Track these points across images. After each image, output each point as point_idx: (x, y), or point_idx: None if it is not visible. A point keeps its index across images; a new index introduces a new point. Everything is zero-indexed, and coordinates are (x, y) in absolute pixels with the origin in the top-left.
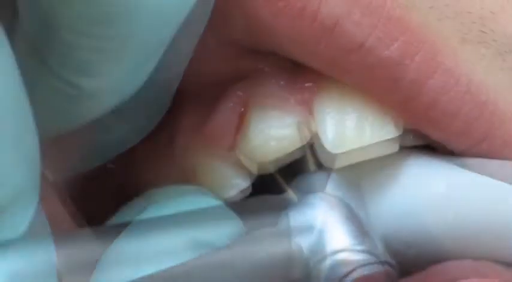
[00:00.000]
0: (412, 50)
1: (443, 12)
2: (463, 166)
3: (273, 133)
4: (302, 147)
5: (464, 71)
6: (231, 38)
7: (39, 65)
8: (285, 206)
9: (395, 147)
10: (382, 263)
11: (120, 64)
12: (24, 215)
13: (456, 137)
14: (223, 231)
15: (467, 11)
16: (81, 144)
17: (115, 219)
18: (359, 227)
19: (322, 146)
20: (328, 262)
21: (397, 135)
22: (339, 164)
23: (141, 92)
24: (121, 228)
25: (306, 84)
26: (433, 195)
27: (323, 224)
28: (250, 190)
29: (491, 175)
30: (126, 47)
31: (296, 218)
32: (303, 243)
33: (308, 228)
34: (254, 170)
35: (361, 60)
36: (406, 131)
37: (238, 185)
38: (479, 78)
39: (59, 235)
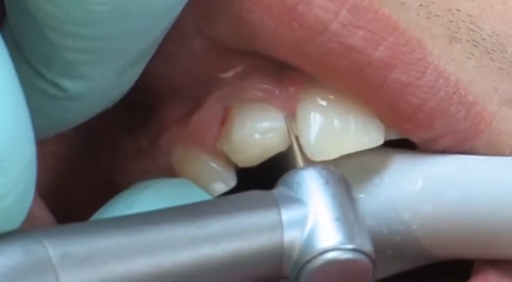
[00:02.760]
0: (401, 50)
1: (432, 10)
2: (442, 162)
3: (257, 126)
4: (287, 140)
5: (453, 70)
6: (218, 39)
7: (24, 65)
8: (276, 202)
9: (380, 141)
10: (372, 260)
11: (107, 66)
12: (24, 205)
13: (440, 137)
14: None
15: (456, 9)
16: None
17: (103, 211)
18: (350, 223)
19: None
20: (317, 261)
21: (380, 144)
22: (325, 156)
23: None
24: (113, 221)
25: (291, 88)
26: (410, 191)
27: (314, 221)
28: (235, 182)
29: (471, 170)
30: (113, 48)
31: (287, 214)
32: (294, 240)
33: (299, 225)
34: (239, 162)
35: (350, 62)
36: None
37: (223, 177)
38: (467, 77)
39: (53, 228)
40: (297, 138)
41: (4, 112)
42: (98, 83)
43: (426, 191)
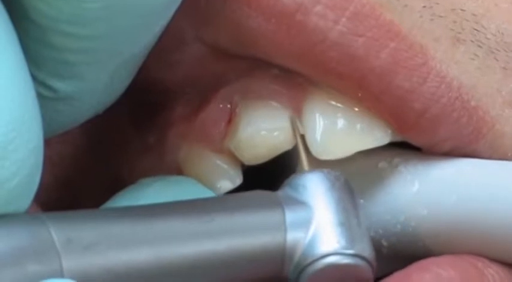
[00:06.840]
0: (403, 55)
1: (436, 11)
2: (440, 165)
3: (264, 124)
4: (293, 138)
5: (456, 74)
6: (219, 45)
7: None
8: (280, 203)
9: (385, 140)
10: (372, 266)
11: (98, 67)
12: (29, 190)
13: (442, 142)
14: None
15: (460, 9)
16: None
17: (109, 203)
18: (352, 229)
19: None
20: (318, 265)
21: (385, 143)
22: (330, 155)
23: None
24: (119, 210)
25: (297, 87)
26: (406, 193)
27: (318, 224)
28: (241, 180)
29: (468, 174)
30: (105, 48)
31: (291, 215)
32: (297, 241)
33: (303, 227)
34: (245, 160)
35: (351, 71)
36: None
37: (229, 175)
38: (470, 80)
39: (59, 213)
40: (302, 136)
41: (11, 95)
42: (89, 84)
43: (422, 194)
